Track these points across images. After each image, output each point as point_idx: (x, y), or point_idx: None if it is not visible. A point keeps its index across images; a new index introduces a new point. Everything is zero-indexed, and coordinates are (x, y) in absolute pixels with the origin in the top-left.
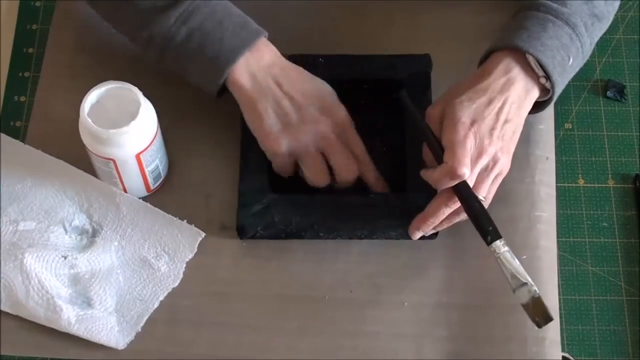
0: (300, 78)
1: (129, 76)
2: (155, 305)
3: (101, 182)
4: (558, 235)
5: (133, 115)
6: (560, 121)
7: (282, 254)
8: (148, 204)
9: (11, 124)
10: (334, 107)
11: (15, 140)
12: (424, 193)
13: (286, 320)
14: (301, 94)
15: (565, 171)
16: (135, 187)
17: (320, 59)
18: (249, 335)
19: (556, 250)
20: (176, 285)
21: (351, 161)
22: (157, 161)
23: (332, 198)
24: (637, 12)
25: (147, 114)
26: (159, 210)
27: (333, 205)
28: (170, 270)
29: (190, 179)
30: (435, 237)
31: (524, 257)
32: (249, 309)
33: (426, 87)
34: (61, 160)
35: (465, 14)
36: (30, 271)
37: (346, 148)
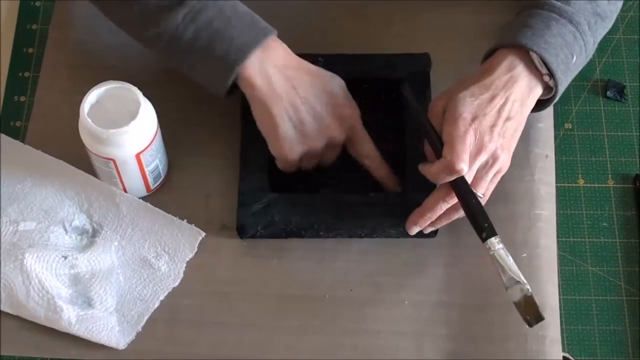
0: (312, 81)
1: (128, 76)
2: (156, 305)
3: (101, 182)
4: (558, 236)
5: (133, 115)
6: (560, 121)
7: (282, 253)
8: (148, 204)
9: (11, 124)
10: (345, 108)
11: (15, 140)
12: (424, 192)
13: (286, 320)
14: (316, 98)
15: (565, 171)
16: (135, 187)
17: (320, 58)
18: (249, 334)
19: (556, 249)
20: (176, 284)
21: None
22: (157, 161)
23: (332, 197)
24: (637, 12)
25: (147, 114)
26: (159, 210)
27: (333, 204)
28: (170, 269)
29: (190, 178)
30: (435, 236)
31: (524, 256)
32: (249, 308)
33: (425, 86)
34: (61, 161)
35: (465, 13)
36: (31, 271)
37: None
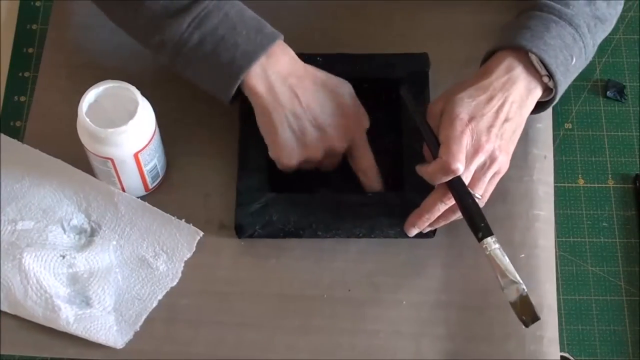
0: (317, 90)
1: (126, 76)
2: (154, 305)
3: (99, 182)
4: (558, 235)
5: (131, 115)
6: (560, 121)
7: (281, 252)
8: (146, 203)
9: (11, 124)
10: (350, 119)
11: (13, 139)
12: (422, 192)
13: (285, 319)
14: (319, 107)
15: (565, 171)
16: (134, 187)
17: (318, 58)
18: (247, 334)
19: (554, 249)
20: (175, 284)
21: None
22: (155, 160)
23: (331, 197)
24: (637, 12)
25: (145, 113)
26: (157, 209)
27: (331, 204)
28: (168, 269)
29: (188, 178)
30: (434, 236)
31: (522, 256)
32: (248, 308)
33: (424, 86)
34: (59, 160)
35: (465, 13)
36: (29, 271)
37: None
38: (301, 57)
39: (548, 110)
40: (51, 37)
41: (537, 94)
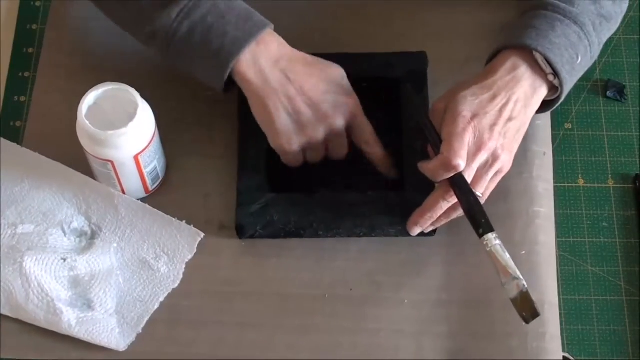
0: (308, 71)
1: (125, 77)
2: (156, 306)
3: (99, 184)
4: (558, 235)
5: (131, 117)
6: (560, 121)
7: (282, 252)
8: (147, 205)
9: (11, 124)
10: (344, 96)
11: (11, 142)
12: (423, 191)
13: (286, 319)
14: (312, 86)
15: (565, 171)
16: (134, 189)
17: None
18: (249, 334)
19: (555, 245)
20: (176, 285)
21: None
22: (155, 162)
23: (331, 196)
24: (637, 12)
25: (145, 115)
26: (158, 211)
27: (332, 204)
28: (170, 271)
29: (188, 179)
30: (434, 234)
31: (523, 253)
32: (249, 308)
33: (423, 85)
34: (58, 163)
35: (464, 13)
36: (30, 274)
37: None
38: None
39: None
40: (49, 39)
41: (543, 92)
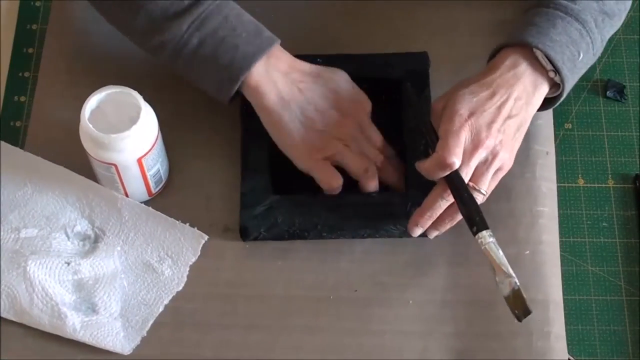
0: (316, 81)
1: (128, 80)
2: (160, 309)
3: (102, 187)
4: (558, 235)
5: (134, 120)
6: (560, 121)
7: (286, 254)
8: (150, 208)
9: (11, 124)
10: (352, 103)
11: (14, 147)
12: (425, 191)
13: (291, 321)
14: (322, 98)
15: (565, 171)
16: (137, 192)
17: (318, 59)
18: (254, 336)
19: (559, 245)
20: (180, 288)
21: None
22: (159, 165)
23: (335, 198)
24: (637, 12)
25: (148, 118)
26: (161, 214)
27: (335, 205)
28: (174, 273)
29: (191, 181)
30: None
31: (527, 252)
32: (254, 310)
33: (424, 85)
34: (61, 166)
35: (464, 12)
36: (34, 278)
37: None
38: (301, 58)
39: None
40: (50, 43)
41: (544, 89)
